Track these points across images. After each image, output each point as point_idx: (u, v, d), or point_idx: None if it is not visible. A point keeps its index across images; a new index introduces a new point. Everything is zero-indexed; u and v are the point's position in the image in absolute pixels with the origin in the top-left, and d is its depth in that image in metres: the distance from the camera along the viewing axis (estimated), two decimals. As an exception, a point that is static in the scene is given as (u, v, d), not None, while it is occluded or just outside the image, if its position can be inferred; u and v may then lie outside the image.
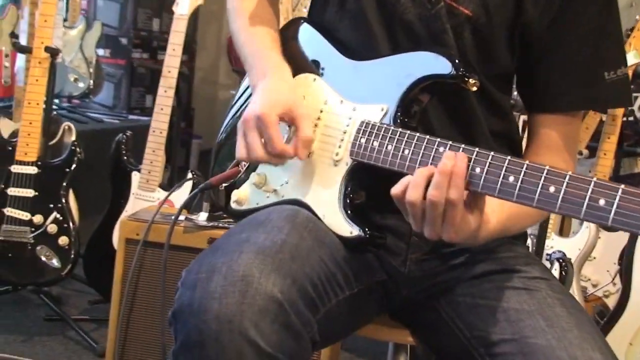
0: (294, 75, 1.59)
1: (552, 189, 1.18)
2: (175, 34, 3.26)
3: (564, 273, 2.27)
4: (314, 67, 1.61)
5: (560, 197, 1.17)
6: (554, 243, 3.19)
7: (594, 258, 3.48)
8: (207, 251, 1.31)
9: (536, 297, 1.44)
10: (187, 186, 3.04)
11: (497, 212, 1.35)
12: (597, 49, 1.50)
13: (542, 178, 1.20)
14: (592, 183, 1.15)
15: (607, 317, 2.48)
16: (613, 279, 3.35)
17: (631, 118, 4.70)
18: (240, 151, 1.45)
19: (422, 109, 1.47)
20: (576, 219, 1.16)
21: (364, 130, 1.46)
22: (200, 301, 1.21)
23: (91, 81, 4.61)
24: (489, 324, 1.43)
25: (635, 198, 1.10)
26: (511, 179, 1.23)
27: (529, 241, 2.83)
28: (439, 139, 1.34)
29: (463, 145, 1.30)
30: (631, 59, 3.76)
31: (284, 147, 1.43)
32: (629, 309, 2.38)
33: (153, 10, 5.78)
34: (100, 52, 5.10)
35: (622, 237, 2.95)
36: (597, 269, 3.48)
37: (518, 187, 1.22)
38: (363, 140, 1.45)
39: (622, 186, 1.12)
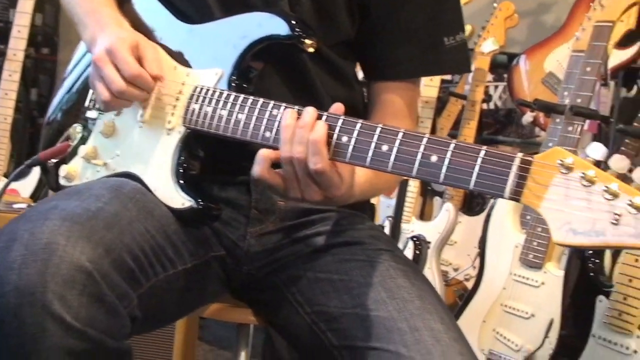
0: None
1: (385, 147, 1.14)
2: (20, 15, 3.09)
3: (417, 252, 2.24)
4: (150, 33, 1.51)
5: (393, 155, 1.12)
6: (414, 227, 3.19)
7: (455, 242, 3.51)
8: (11, 220, 1.19)
9: (379, 269, 1.39)
10: (36, 174, 2.88)
11: (362, 170, 1.30)
12: (435, 15, 1.48)
13: (375, 137, 1.15)
14: (425, 139, 1.10)
15: (465, 297, 2.48)
16: (473, 263, 3.39)
17: (492, 106, 4.80)
18: (102, 94, 1.35)
19: (259, 72, 1.41)
20: (408, 177, 1.11)
21: (197, 96, 1.39)
22: None
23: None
24: (330, 298, 1.38)
25: (466, 153, 1.06)
26: (344, 139, 1.18)
27: (386, 223, 2.81)
28: (273, 102, 1.28)
29: (297, 107, 1.24)
30: (489, 46, 3.81)
31: (140, 69, 1.35)
32: (482, 287, 2.38)
33: (10, 0, 5.53)
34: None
35: (482, 221, 2.97)
36: (458, 253, 3.52)
37: (352, 147, 1.17)
38: (196, 107, 1.38)
39: (454, 141, 1.07)
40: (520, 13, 4.54)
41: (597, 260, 1.93)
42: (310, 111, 1.21)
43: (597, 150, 0.96)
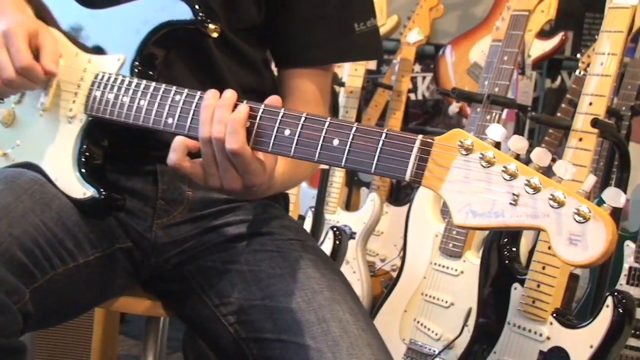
0: None
1: (287, 132, 1.11)
2: None
3: (337, 242, 2.23)
4: (52, 19, 1.46)
5: (295, 139, 1.10)
6: (339, 217, 3.18)
7: (382, 233, 3.51)
8: None
9: (289, 259, 1.37)
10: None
11: (283, 161, 1.28)
12: (345, 0, 1.46)
13: (278, 121, 1.12)
14: (327, 123, 1.08)
15: (388, 287, 2.47)
16: (400, 253, 3.38)
17: (420, 97, 4.82)
18: None
19: (163, 58, 1.37)
20: (311, 161, 1.08)
21: (99, 82, 1.35)
22: None
23: None
24: (238, 289, 1.36)
25: (368, 136, 1.04)
26: (247, 124, 1.15)
27: (309, 213, 2.79)
28: (175, 88, 1.25)
29: (199, 93, 1.21)
30: (415, 36, 3.82)
31: (32, 61, 1.30)
32: (404, 277, 2.38)
33: None
34: None
35: (407, 211, 2.97)
36: (384, 244, 3.51)
37: (254, 132, 1.14)
38: (98, 94, 1.34)
39: (356, 124, 1.05)
40: (451, 4, 4.57)
41: (514, 248, 1.94)
42: (231, 92, 1.18)
43: (496, 131, 0.94)
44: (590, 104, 1.79)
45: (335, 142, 1.06)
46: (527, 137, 4.01)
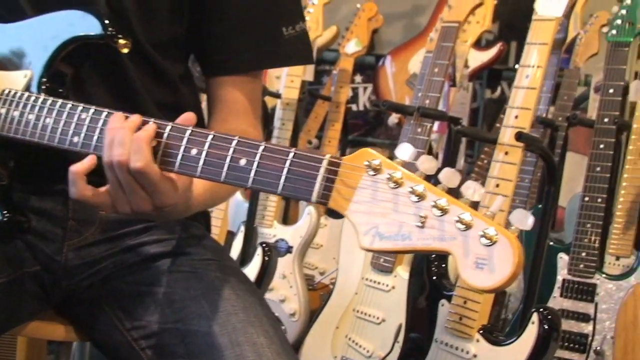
0: None
1: (194, 151, 1.07)
2: None
3: (267, 258, 2.19)
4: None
5: (202, 159, 1.06)
6: (276, 231, 3.13)
7: (321, 246, 3.47)
8: None
9: (204, 280, 1.34)
10: None
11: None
12: (272, 4, 1.43)
13: (185, 140, 1.08)
14: (235, 141, 1.04)
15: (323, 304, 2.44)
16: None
17: (361, 108, 4.81)
18: None
19: (72, 74, 1.32)
20: (217, 182, 1.04)
21: (4, 100, 1.30)
22: None
23: None
24: (151, 312, 1.31)
25: (275, 155, 1.00)
26: (153, 142, 1.10)
27: (242, 228, 2.75)
28: (82, 105, 1.21)
29: (107, 111, 1.17)
30: (353, 47, 3.80)
31: None
32: (336, 292, 2.35)
33: None
34: None
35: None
36: (323, 257, 3.48)
37: (161, 151, 1.10)
38: (3, 111, 1.29)
39: (264, 143, 1.01)
40: (396, 14, 4.57)
41: (442, 264, 1.92)
42: (137, 116, 1.13)
43: (405, 151, 0.91)
44: (516, 117, 1.78)
45: (243, 162, 1.02)
46: (466, 149, 4.01)
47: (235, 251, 2.76)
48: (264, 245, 2.21)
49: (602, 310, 2.38)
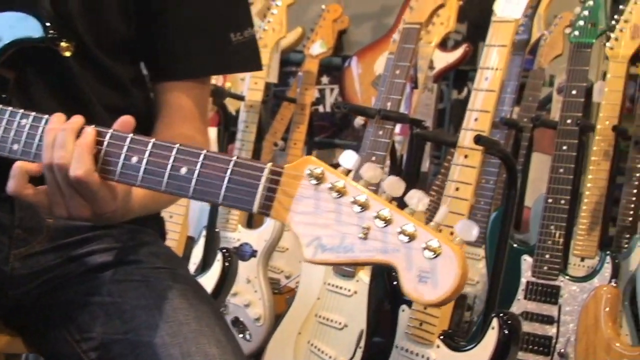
0: None
1: (134, 159, 1.04)
2: None
3: (227, 264, 2.15)
4: None
5: (143, 167, 1.02)
6: (240, 235, 3.09)
7: (287, 249, 3.44)
8: None
9: (156, 289, 1.30)
10: None
11: None
12: (220, 9, 1.40)
13: (125, 148, 1.05)
14: (175, 149, 1.00)
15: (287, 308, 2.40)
16: (304, 270, 3.32)
17: (328, 109, 4.78)
18: None
19: (15, 78, 1.29)
20: (159, 192, 1.01)
21: None
22: None
23: None
24: (101, 323, 1.28)
25: (216, 164, 0.97)
26: (94, 150, 1.07)
27: (204, 232, 2.71)
28: (21, 111, 1.17)
29: (47, 116, 1.14)
30: (317, 48, 3.77)
31: None
32: (298, 298, 2.32)
33: None
34: None
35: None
36: (289, 260, 3.45)
37: (101, 159, 1.06)
38: (-58, 118, 1.23)
39: (205, 151, 0.98)
40: (364, 15, 4.56)
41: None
42: (78, 117, 1.11)
43: (349, 159, 0.88)
44: (476, 119, 1.76)
45: (183, 170, 0.99)
46: (433, 150, 4.00)
47: (197, 257, 2.72)
48: (224, 250, 2.18)
49: (565, 313, 2.37)
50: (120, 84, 1.42)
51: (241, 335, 2.98)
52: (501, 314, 1.69)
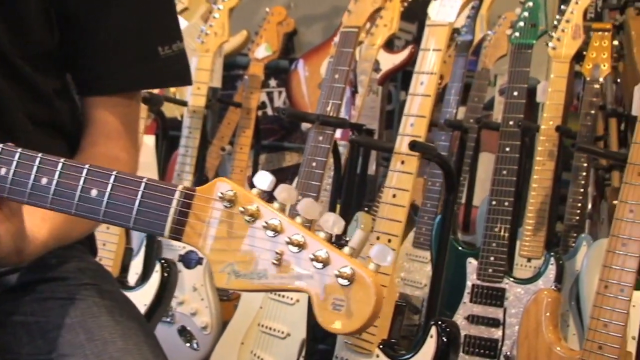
0: None
1: (44, 180, 0.99)
2: None
3: (166, 274, 2.11)
4: None
5: (52, 189, 0.98)
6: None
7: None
8: None
9: (80, 307, 1.26)
10: None
11: (50, 219, 1.14)
12: (147, 22, 1.36)
13: (35, 168, 1.00)
14: (85, 170, 0.96)
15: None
16: (252, 275, 3.27)
17: (275, 113, 4.74)
18: None
19: None
20: (69, 214, 0.97)
21: None
22: None
23: None
24: (23, 344, 1.24)
25: (127, 186, 0.93)
26: (3, 170, 1.02)
27: (144, 242, 2.66)
28: None
29: None
30: (262, 51, 3.73)
31: None
32: (240, 307, 2.29)
33: None
34: None
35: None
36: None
37: (10, 179, 1.01)
38: None
39: (115, 172, 0.94)
40: (315, 16, 4.52)
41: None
42: None
43: (264, 180, 0.85)
44: (412, 125, 1.73)
45: (94, 192, 0.95)
46: (382, 152, 3.98)
47: (138, 268, 2.66)
48: (162, 261, 2.13)
49: (511, 315, 2.37)
50: (42, 95, 1.37)
51: (188, 345, 2.94)
52: (439, 322, 1.66)
